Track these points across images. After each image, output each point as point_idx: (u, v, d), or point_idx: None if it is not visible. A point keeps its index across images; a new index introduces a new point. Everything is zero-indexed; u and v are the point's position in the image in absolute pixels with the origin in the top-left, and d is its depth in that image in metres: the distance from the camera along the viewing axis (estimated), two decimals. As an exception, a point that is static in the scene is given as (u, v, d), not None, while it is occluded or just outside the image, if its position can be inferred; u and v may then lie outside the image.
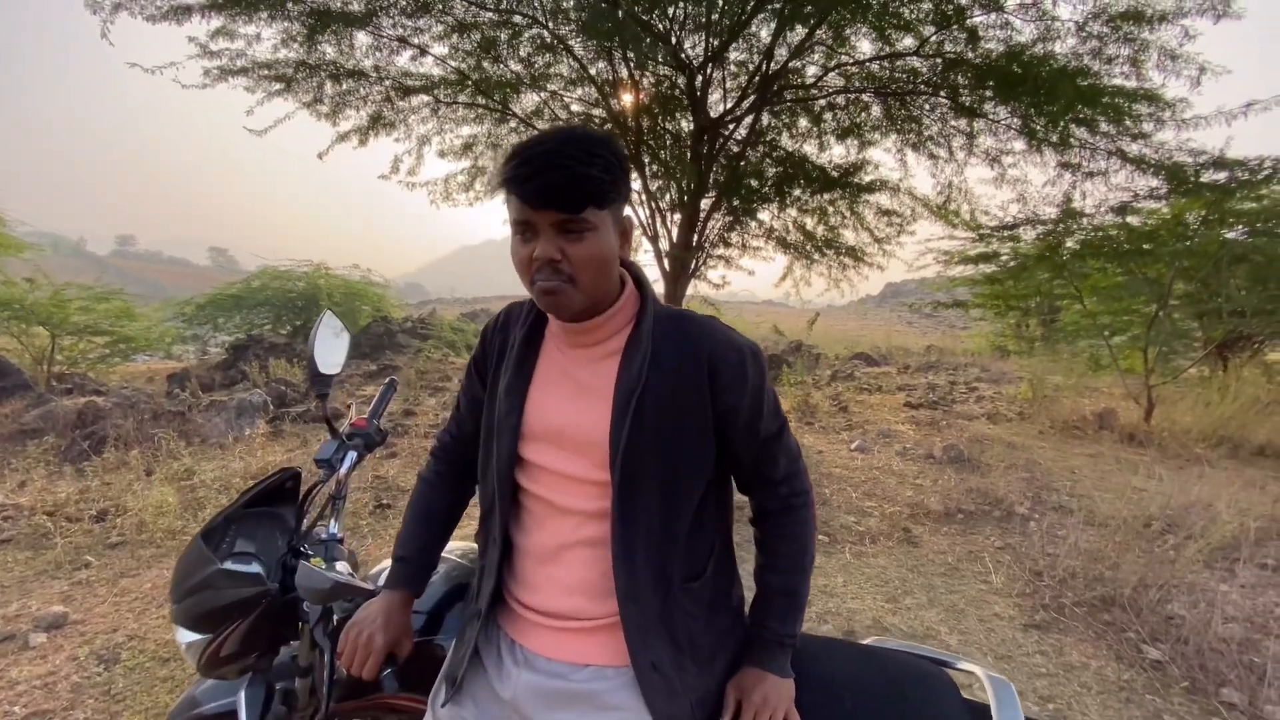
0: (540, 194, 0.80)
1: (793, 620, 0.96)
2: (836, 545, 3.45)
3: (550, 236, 0.82)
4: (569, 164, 0.79)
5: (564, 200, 0.80)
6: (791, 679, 0.94)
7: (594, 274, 0.85)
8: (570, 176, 0.79)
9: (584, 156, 0.79)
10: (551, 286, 0.83)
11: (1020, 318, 11.61)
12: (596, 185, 0.80)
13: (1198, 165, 5.20)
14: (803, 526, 1.00)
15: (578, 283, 0.84)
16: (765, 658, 0.94)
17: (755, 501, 1.03)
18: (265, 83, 6.04)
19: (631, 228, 0.92)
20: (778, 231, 7.47)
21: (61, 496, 3.56)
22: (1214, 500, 3.60)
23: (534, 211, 0.81)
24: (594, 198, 0.81)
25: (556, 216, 0.81)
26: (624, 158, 0.85)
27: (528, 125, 6.86)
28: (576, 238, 0.82)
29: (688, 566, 0.92)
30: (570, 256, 0.82)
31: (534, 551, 0.94)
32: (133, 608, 2.58)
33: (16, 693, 2.04)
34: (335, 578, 0.94)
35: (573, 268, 0.83)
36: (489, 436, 0.96)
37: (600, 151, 0.81)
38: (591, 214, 0.81)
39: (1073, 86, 4.98)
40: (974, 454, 5.08)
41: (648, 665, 0.87)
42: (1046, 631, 2.63)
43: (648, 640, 0.87)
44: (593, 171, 0.79)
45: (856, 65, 6.00)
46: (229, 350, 10.63)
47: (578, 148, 0.80)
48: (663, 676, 0.87)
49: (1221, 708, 2.18)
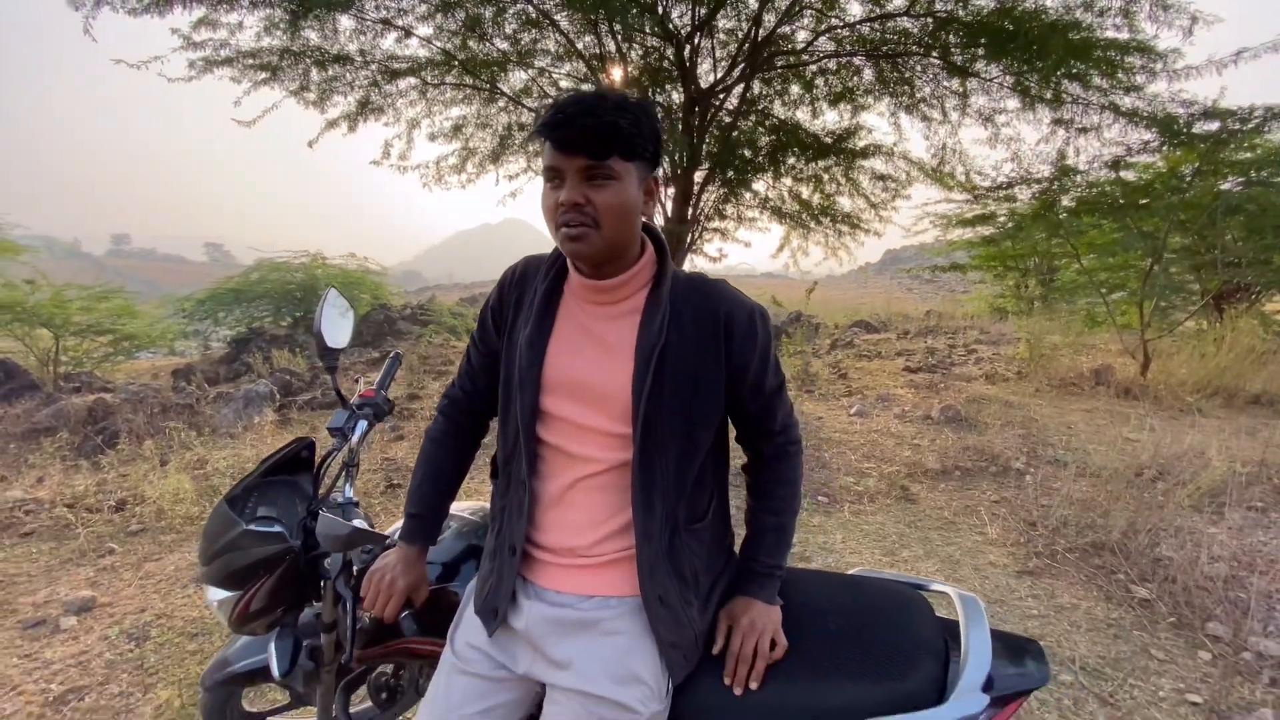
0: (569, 140, 0.86)
1: (780, 553, 1.05)
2: (836, 505, 3.54)
3: (576, 182, 0.88)
4: (598, 114, 0.85)
5: (591, 147, 0.85)
6: (779, 606, 1.02)
7: (616, 221, 0.90)
8: (598, 124, 0.84)
9: (613, 110, 0.86)
10: (576, 232, 0.89)
11: (1019, 278, 11.61)
12: (623, 135, 0.86)
13: (1189, 116, 5.17)
14: (795, 471, 1.10)
15: (601, 227, 0.89)
16: (754, 587, 1.03)
17: (753, 449, 1.12)
18: (250, 72, 5.97)
19: (658, 188, 0.96)
20: (773, 201, 7.45)
21: (80, 489, 3.65)
22: (1205, 448, 3.67)
23: (563, 157, 0.87)
24: (619, 147, 0.86)
25: (583, 162, 0.87)
26: (655, 119, 0.91)
27: (516, 104, 6.81)
28: (602, 185, 0.88)
29: (691, 510, 1.00)
30: (594, 201, 0.88)
31: (545, 495, 1.01)
32: (158, 589, 2.68)
33: (52, 671, 2.14)
34: (353, 525, 1.02)
35: (596, 212, 0.88)
36: (509, 388, 1.02)
37: (631, 108, 0.87)
38: (616, 163, 0.87)
39: (1064, 41, 4.94)
40: (971, 414, 5.15)
41: (655, 598, 0.94)
42: (1039, 577, 2.72)
43: (656, 575, 0.95)
44: (620, 121, 0.85)
45: (847, 28, 5.93)
46: (231, 344, 10.70)
47: (610, 103, 0.86)
48: (668, 609, 0.95)
49: (1207, 640, 2.28)
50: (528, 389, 0.98)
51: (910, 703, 0.88)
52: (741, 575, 1.06)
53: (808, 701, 0.91)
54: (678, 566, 0.97)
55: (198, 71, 5.91)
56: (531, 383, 0.98)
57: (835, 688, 0.91)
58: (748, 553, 1.07)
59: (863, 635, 0.97)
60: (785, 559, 1.06)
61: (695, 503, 1.01)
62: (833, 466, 4.14)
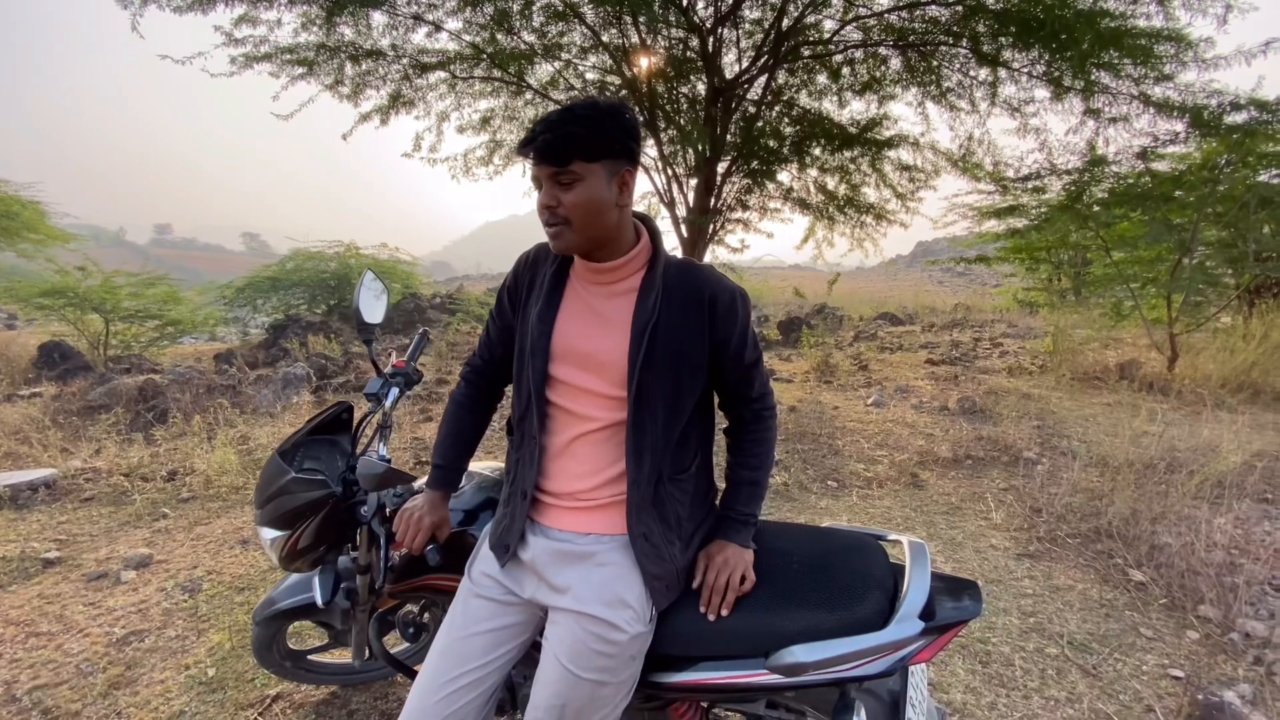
0: (535, 153, 1.00)
1: (755, 505, 1.20)
2: (844, 489, 3.64)
3: (549, 188, 1.02)
4: (556, 128, 0.97)
5: (552, 155, 0.99)
6: (751, 550, 1.17)
7: (584, 216, 1.03)
8: (556, 137, 0.97)
9: (572, 119, 0.98)
10: (553, 230, 1.05)
11: (1052, 271, 11.40)
12: (580, 141, 0.98)
13: (1220, 107, 5.08)
14: (769, 432, 1.25)
15: (572, 224, 1.03)
16: (731, 533, 1.18)
17: (733, 414, 1.27)
18: (288, 67, 6.22)
19: (632, 179, 1.08)
20: (796, 192, 7.47)
21: (134, 461, 3.93)
22: (1218, 441, 3.66)
23: (535, 167, 1.02)
24: (579, 152, 0.99)
25: (550, 169, 1.00)
26: (621, 118, 1.02)
27: (543, 96, 6.95)
28: (567, 187, 1.01)
29: (676, 464, 1.15)
30: (564, 202, 1.02)
31: (552, 448, 1.17)
32: (208, 549, 2.92)
33: (115, 617, 2.38)
34: (388, 465, 1.18)
35: (566, 211, 1.02)
36: (522, 357, 1.17)
37: (592, 114, 0.99)
38: (579, 166, 1.00)
39: (1094, 29, 4.89)
40: (988, 405, 5.17)
41: (640, 535, 1.10)
42: (1038, 560, 2.80)
43: (641, 517, 1.11)
44: (578, 130, 0.97)
45: (874, 17, 5.92)
46: (269, 330, 11.09)
47: (572, 114, 0.98)
48: (652, 545, 1.10)
49: (1196, 621, 2.34)
50: (538, 357, 1.13)
51: (858, 627, 1.01)
52: (720, 522, 1.21)
53: (771, 627, 1.05)
54: (661, 510, 1.12)
55: (239, 67, 6.16)
56: (541, 352, 1.13)
57: (795, 615, 1.05)
58: (726, 503, 1.22)
59: (822, 573, 1.11)
60: (759, 510, 1.21)
61: (680, 458, 1.15)
62: (845, 454, 4.23)
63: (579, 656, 1.04)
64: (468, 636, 1.12)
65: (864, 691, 1.12)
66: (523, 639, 1.18)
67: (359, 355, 8.48)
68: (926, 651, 1.01)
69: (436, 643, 1.14)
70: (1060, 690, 2.00)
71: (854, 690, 1.08)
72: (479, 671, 1.10)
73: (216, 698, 1.92)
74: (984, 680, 2.04)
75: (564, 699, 1.04)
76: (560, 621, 1.09)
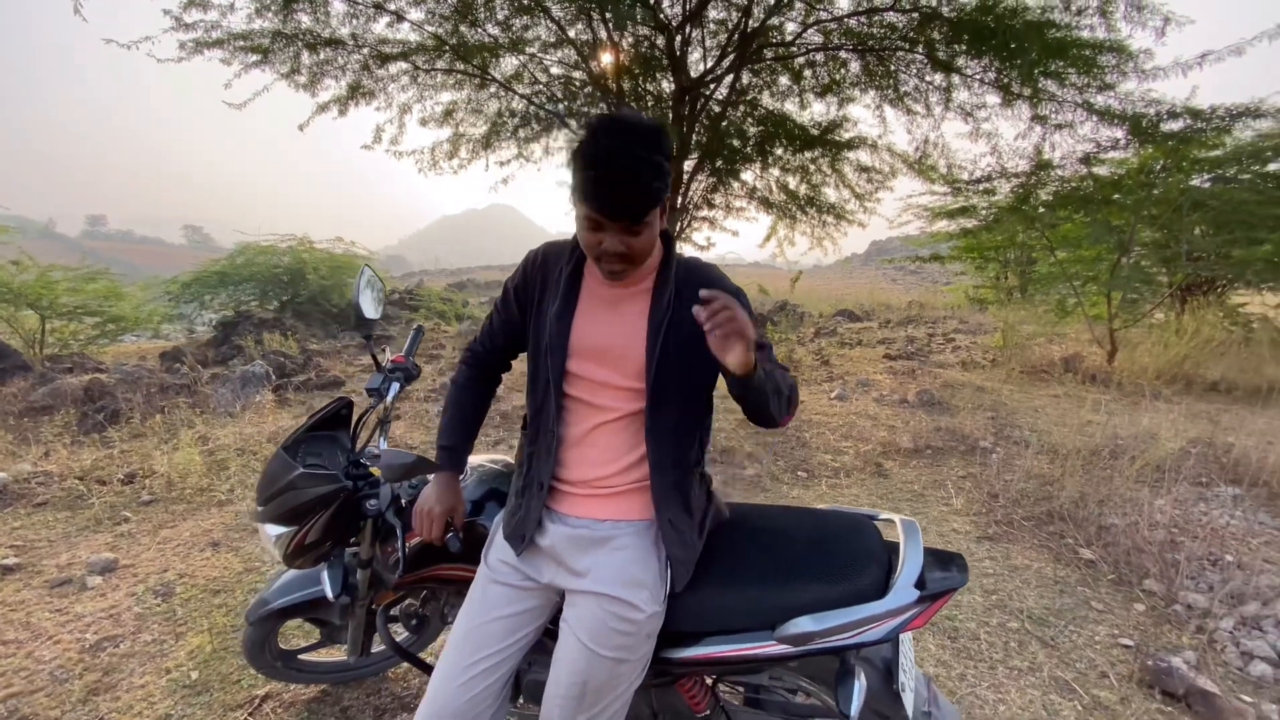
0: (614, 212, 0.99)
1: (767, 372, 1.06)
2: (814, 479, 3.76)
3: (618, 236, 1.02)
4: (634, 186, 0.96)
5: (634, 215, 1.00)
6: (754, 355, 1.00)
7: (646, 253, 1.09)
8: (640, 196, 0.97)
9: (650, 171, 0.97)
10: (619, 270, 1.08)
11: (999, 269, 11.92)
12: (658, 196, 1.00)
13: (1157, 115, 5.42)
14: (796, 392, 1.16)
15: (635, 262, 1.08)
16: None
17: None
18: (241, 54, 6.01)
19: (671, 200, 1.13)
20: (760, 191, 7.63)
21: (87, 463, 3.76)
22: (1158, 429, 3.94)
23: (606, 220, 1.01)
24: (655, 206, 1.02)
25: (625, 224, 1.01)
26: (668, 148, 1.02)
27: (507, 89, 6.90)
28: (638, 234, 1.03)
29: (691, 455, 1.21)
30: (632, 246, 1.04)
31: (569, 438, 1.21)
32: (177, 552, 2.83)
33: (85, 623, 2.30)
34: (418, 455, 1.20)
35: (634, 254, 1.06)
36: (538, 354, 1.21)
37: (660, 158, 0.99)
38: (650, 215, 1.03)
39: (1041, 39, 5.15)
40: (945, 398, 5.40)
41: (667, 521, 1.16)
42: (997, 542, 2.97)
43: (668, 502, 1.16)
44: (655, 185, 0.98)
45: (834, 21, 6.09)
46: (218, 327, 10.68)
47: (645, 166, 0.96)
48: (676, 530, 1.16)
49: (1142, 594, 2.53)
50: (556, 354, 1.17)
51: (859, 598, 1.09)
52: None
53: (778, 600, 1.12)
54: (685, 498, 1.18)
55: (188, 53, 5.92)
56: (560, 349, 1.17)
57: (800, 589, 1.12)
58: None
59: (823, 550, 1.19)
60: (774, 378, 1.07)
61: (697, 451, 1.22)
62: (812, 445, 4.37)
63: (600, 635, 1.09)
64: (487, 622, 1.16)
65: (861, 659, 1.20)
66: (539, 623, 1.22)
67: (318, 353, 8.27)
68: (920, 618, 1.09)
69: (456, 629, 1.18)
70: (1022, 661, 2.14)
71: (853, 658, 1.16)
72: (499, 655, 1.14)
73: (203, 700, 1.89)
74: (953, 654, 2.17)
75: (586, 676, 1.09)
76: (580, 603, 1.13)
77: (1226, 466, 3.74)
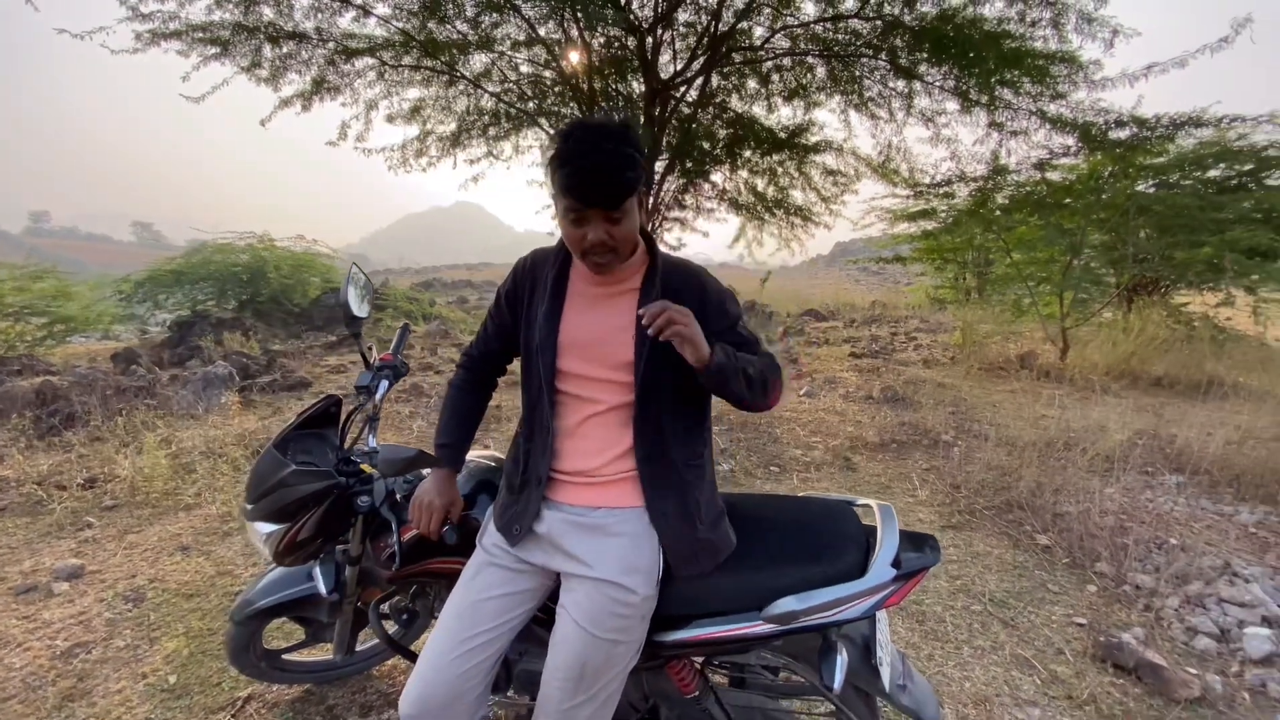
0: (592, 199, 1.07)
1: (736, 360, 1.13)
2: (786, 474, 3.87)
3: (598, 223, 1.10)
4: (613, 173, 1.04)
5: (610, 201, 1.07)
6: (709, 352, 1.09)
7: (627, 243, 1.15)
8: (615, 184, 1.05)
9: (622, 161, 1.04)
10: (603, 260, 1.14)
11: (958, 270, 12.30)
12: (632, 185, 1.07)
13: (1106, 124, 5.69)
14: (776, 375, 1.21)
15: (619, 252, 1.15)
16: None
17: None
18: (200, 46, 5.84)
19: (646, 197, 1.19)
20: (730, 193, 7.75)
21: (44, 469, 3.64)
22: (1106, 422, 4.15)
23: (584, 207, 1.08)
24: (631, 194, 1.09)
25: (603, 212, 1.08)
26: (639, 143, 1.10)
27: (476, 87, 6.85)
28: (617, 222, 1.10)
29: (690, 450, 1.25)
30: (614, 235, 1.11)
31: (562, 430, 1.25)
32: (145, 557, 2.77)
33: (54, 630, 2.24)
34: (419, 450, 1.22)
35: (616, 243, 1.12)
36: (530, 353, 1.25)
37: (630, 150, 1.06)
38: (628, 203, 1.10)
39: (997, 49, 5.36)
40: (908, 394, 5.59)
41: (660, 512, 1.21)
42: (960, 530, 3.11)
43: (659, 494, 1.21)
44: (629, 175, 1.06)
45: (801, 27, 6.22)
46: (173, 328, 10.34)
47: (619, 157, 1.04)
48: (670, 524, 1.21)
49: (1094, 576, 2.68)
50: (547, 352, 1.22)
51: (840, 578, 1.16)
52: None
53: (764, 582, 1.18)
54: (678, 489, 1.22)
55: (144, 44, 5.74)
56: (550, 348, 1.22)
57: (784, 570, 1.19)
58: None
59: (805, 534, 1.26)
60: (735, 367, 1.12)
61: (694, 445, 1.26)
62: (783, 441, 4.47)
63: (597, 618, 1.13)
64: (481, 600, 1.20)
65: (842, 636, 1.27)
66: (530, 605, 1.25)
67: (281, 353, 8.08)
68: (897, 596, 1.17)
69: (448, 608, 1.21)
70: (985, 640, 2.26)
71: (834, 634, 1.23)
72: (490, 634, 1.18)
73: (183, 704, 1.87)
74: (922, 636, 2.28)
75: (583, 658, 1.13)
76: (577, 588, 1.17)
77: (1170, 456, 3.97)
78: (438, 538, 1.31)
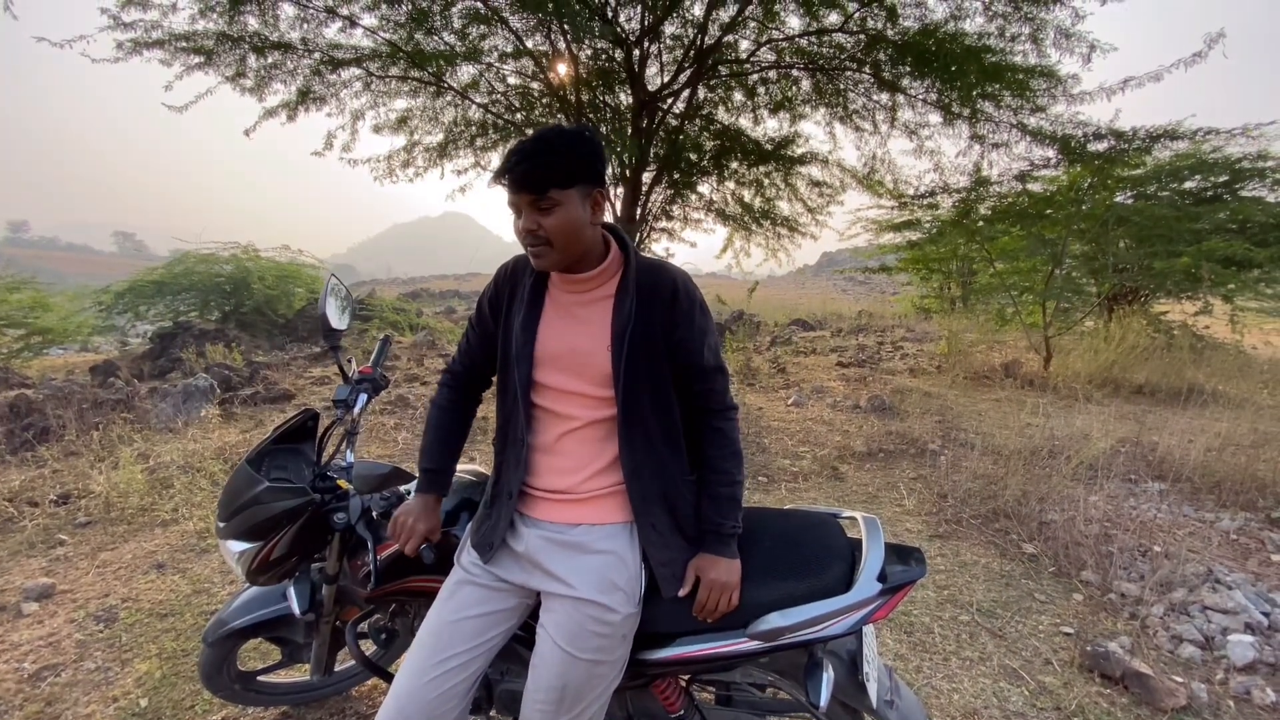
0: (514, 183, 1.08)
1: (736, 514, 1.23)
2: (774, 484, 3.85)
3: (529, 213, 1.10)
4: (534, 157, 1.05)
5: (531, 186, 1.07)
6: (737, 559, 1.20)
7: (563, 237, 1.11)
8: (534, 167, 1.06)
9: (547, 149, 1.05)
10: (536, 251, 1.13)
11: (943, 280, 12.43)
12: (555, 172, 1.07)
13: (1085, 136, 5.79)
14: (735, 440, 1.26)
15: (553, 245, 1.12)
16: (720, 547, 1.20)
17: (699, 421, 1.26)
18: (183, 55, 5.79)
19: (603, 199, 1.17)
20: (717, 204, 7.79)
21: (16, 484, 3.54)
22: (1089, 430, 4.19)
23: (515, 195, 1.09)
24: (555, 181, 1.07)
25: (529, 197, 1.08)
26: (588, 144, 1.10)
27: (464, 98, 6.85)
28: (547, 212, 1.09)
29: (680, 464, 1.23)
30: (544, 226, 1.10)
31: (539, 446, 1.23)
32: (119, 576, 2.69)
33: (22, 652, 2.17)
34: (393, 466, 1.19)
35: (547, 234, 1.10)
36: (506, 364, 1.23)
37: (564, 144, 1.07)
38: (555, 193, 1.08)
39: (979, 63, 5.45)
40: (895, 403, 5.61)
41: (648, 525, 1.19)
42: (947, 540, 3.10)
43: (649, 508, 1.19)
44: (553, 160, 1.06)
45: (786, 40, 6.29)
46: (154, 339, 10.17)
47: (546, 144, 1.06)
48: (659, 534, 1.19)
49: (1080, 585, 2.69)
50: (523, 364, 1.20)
51: (826, 592, 1.14)
52: (706, 535, 1.22)
53: (749, 598, 1.16)
54: (673, 506, 1.21)
55: (125, 53, 5.68)
56: (526, 359, 1.20)
57: (769, 586, 1.17)
58: (708, 516, 1.22)
59: (789, 548, 1.24)
60: (739, 518, 1.23)
61: (680, 455, 1.23)
62: (772, 451, 4.47)
63: (577, 638, 1.10)
64: (458, 620, 1.16)
65: (828, 652, 1.25)
66: (509, 624, 1.22)
67: (265, 365, 7.97)
68: (883, 610, 1.15)
69: (425, 626, 1.17)
70: (973, 651, 2.25)
71: (820, 650, 1.21)
72: (468, 654, 1.14)
73: (153, 727, 1.81)
74: (909, 647, 2.26)
75: (564, 679, 1.10)
76: (556, 608, 1.15)
77: (1153, 463, 4.01)
78: (415, 555, 1.27)
